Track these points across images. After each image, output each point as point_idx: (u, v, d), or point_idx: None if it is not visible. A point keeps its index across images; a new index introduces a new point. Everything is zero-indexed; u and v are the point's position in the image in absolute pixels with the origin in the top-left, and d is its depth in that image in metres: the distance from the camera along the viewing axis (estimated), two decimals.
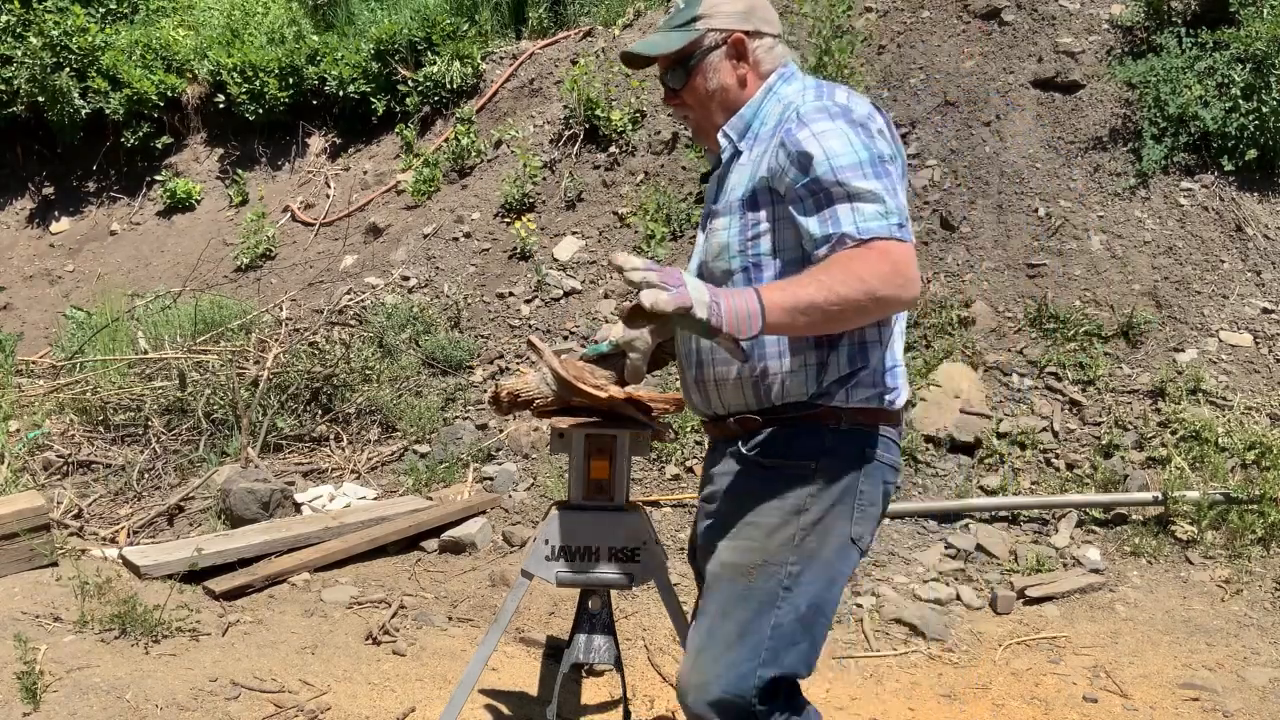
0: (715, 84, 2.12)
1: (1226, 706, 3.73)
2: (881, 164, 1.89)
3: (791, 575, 1.99)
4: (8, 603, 3.79)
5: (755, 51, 2.13)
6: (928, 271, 6.12)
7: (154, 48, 9.06)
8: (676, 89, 2.17)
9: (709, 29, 2.11)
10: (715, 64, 2.11)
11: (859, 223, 1.83)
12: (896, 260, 1.80)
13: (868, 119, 1.97)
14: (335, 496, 5.14)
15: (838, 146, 1.88)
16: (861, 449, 2.03)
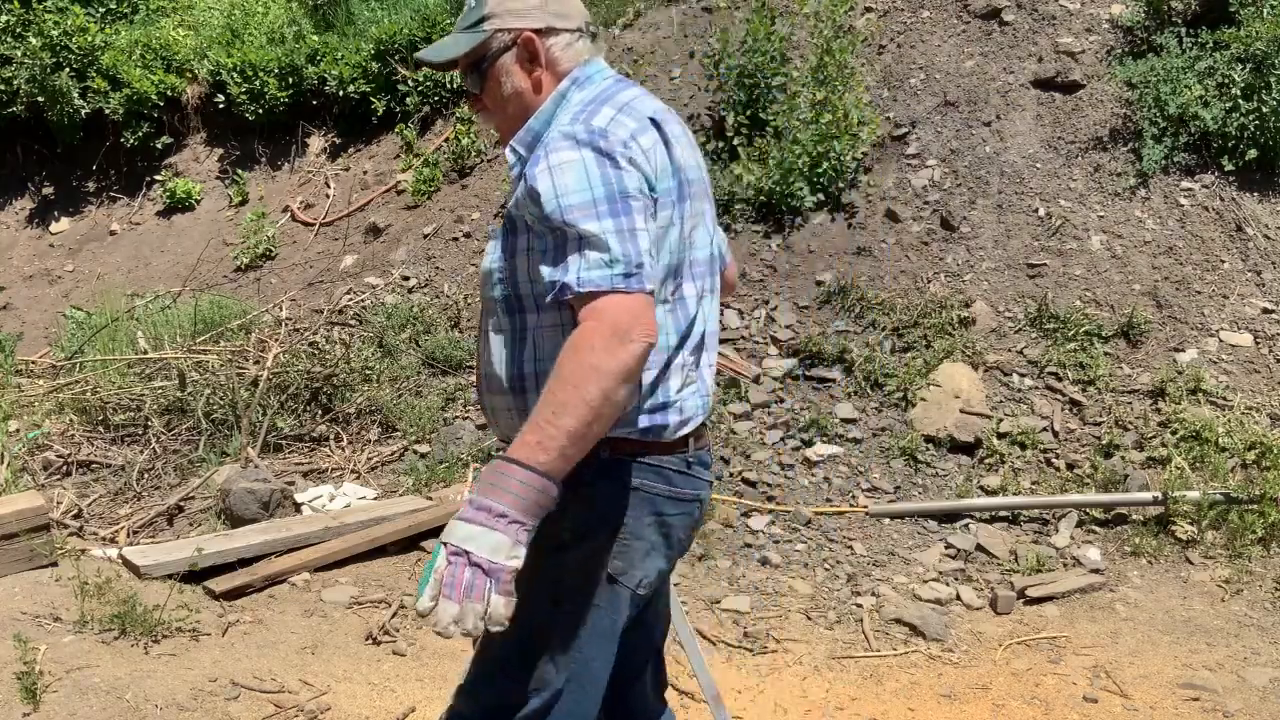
0: (510, 88, 1.94)
1: (1226, 706, 3.73)
2: (621, 200, 1.72)
3: (544, 613, 1.84)
4: (8, 603, 3.79)
5: (550, 50, 1.94)
6: (928, 271, 6.12)
7: (154, 48, 9.06)
8: (477, 93, 2.00)
9: (496, 29, 1.93)
10: (508, 67, 1.94)
11: (580, 272, 1.68)
12: (615, 319, 1.65)
13: (624, 144, 1.78)
14: (335, 496, 5.13)
15: (570, 182, 1.73)
16: (624, 480, 1.86)
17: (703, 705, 3.35)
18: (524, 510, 1.62)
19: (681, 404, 1.92)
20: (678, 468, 1.93)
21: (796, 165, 6.35)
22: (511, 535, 1.61)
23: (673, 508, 1.93)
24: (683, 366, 1.92)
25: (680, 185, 1.88)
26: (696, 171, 1.97)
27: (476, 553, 1.60)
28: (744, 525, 4.97)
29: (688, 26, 7.88)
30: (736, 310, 6.04)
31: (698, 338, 1.95)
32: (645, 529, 1.90)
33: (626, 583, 1.89)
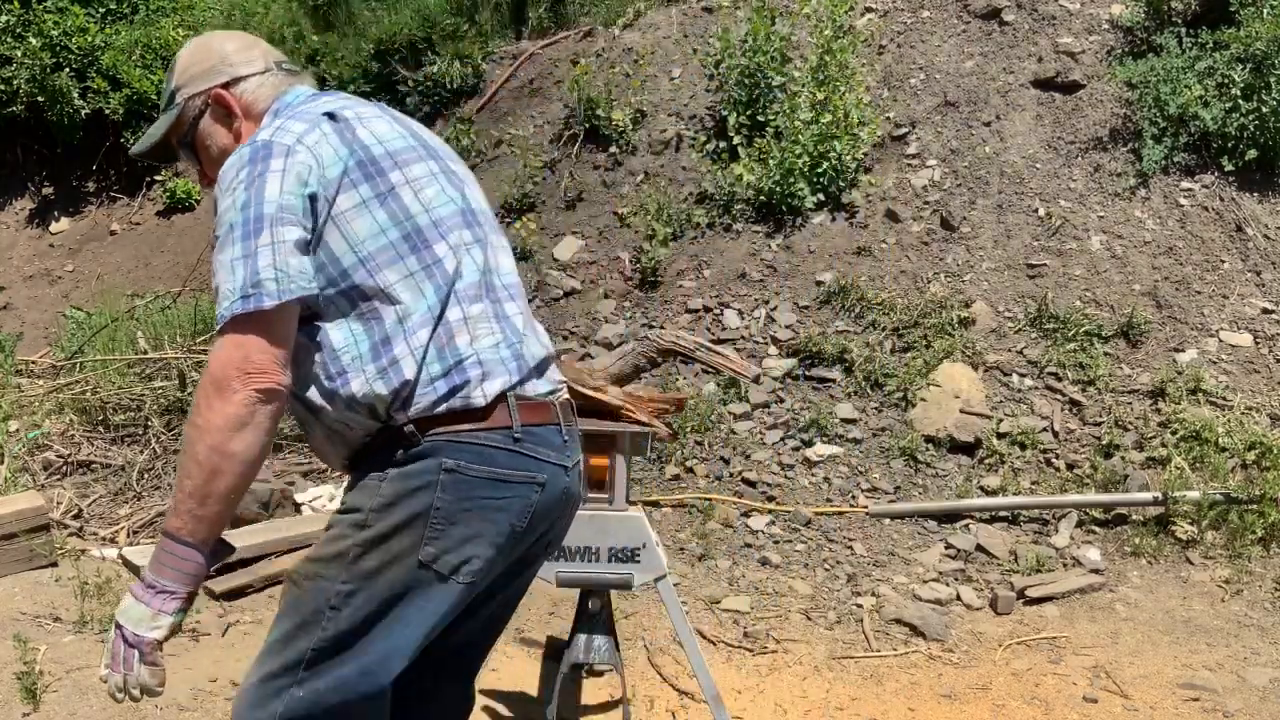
0: (216, 149, 1.96)
1: (1226, 706, 3.73)
2: (255, 223, 1.72)
3: (339, 595, 1.78)
4: (8, 603, 3.79)
5: (242, 99, 1.96)
6: (928, 271, 6.12)
7: (154, 48, 9.06)
8: (198, 167, 2.04)
9: (188, 98, 1.97)
10: (209, 129, 1.97)
11: (219, 310, 1.72)
12: (215, 370, 1.68)
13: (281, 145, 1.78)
14: (335, 496, 5.13)
15: (220, 208, 1.77)
16: (437, 461, 1.77)
17: (703, 705, 3.35)
18: (173, 579, 1.69)
19: (479, 358, 1.82)
20: (500, 444, 1.81)
21: (797, 165, 6.35)
22: (155, 606, 1.69)
23: (498, 490, 1.81)
24: (464, 321, 1.84)
25: (369, 160, 1.84)
26: (406, 139, 1.91)
27: (125, 626, 1.70)
28: (744, 525, 4.97)
29: (688, 26, 7.88)
30: (736, 310, 6.04)
31: (472, 289, 1.87)
32: (461, 514, 1.78)
33: (440, 569, 1.78)
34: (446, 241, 1.87)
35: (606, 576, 2.77)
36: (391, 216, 1.83)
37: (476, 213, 1.97)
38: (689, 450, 5.37)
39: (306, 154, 1.78)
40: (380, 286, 1.79)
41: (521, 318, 1.96)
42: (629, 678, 3.61)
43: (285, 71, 2.02)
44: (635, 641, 4.05)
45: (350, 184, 1.81)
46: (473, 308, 1.86)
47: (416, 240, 1.84)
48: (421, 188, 1.89)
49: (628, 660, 3.82)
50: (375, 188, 1.83)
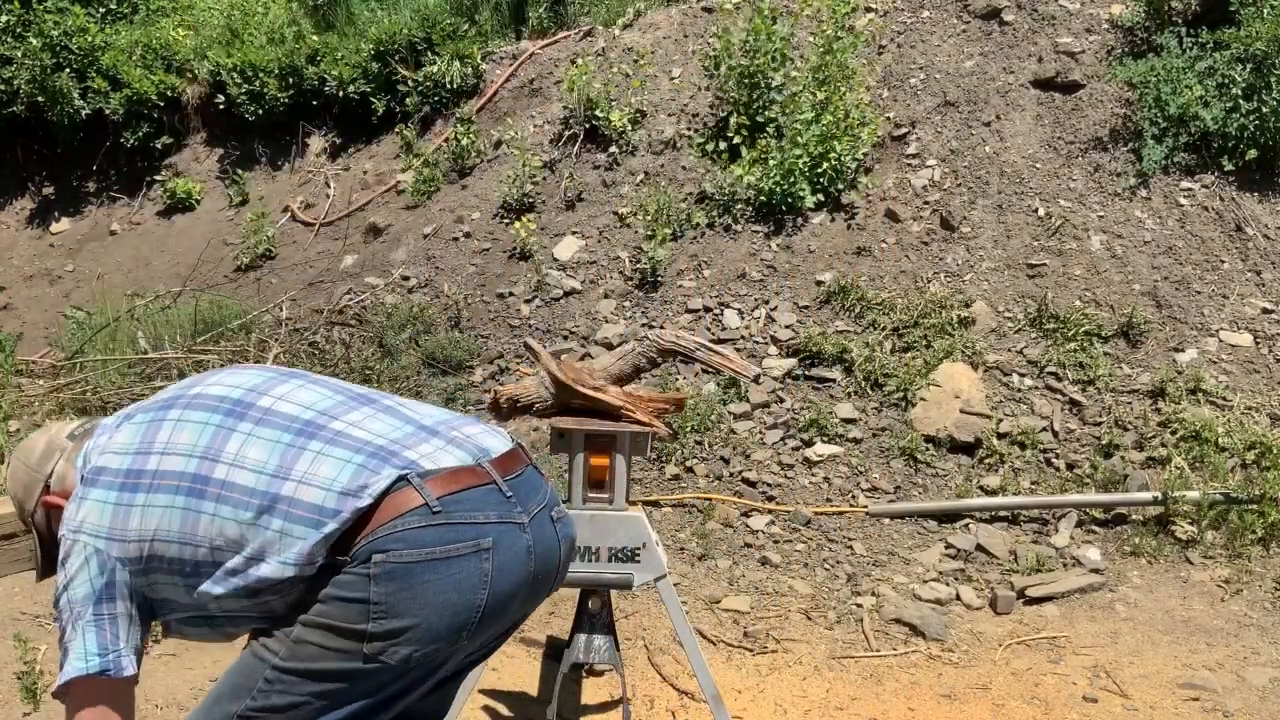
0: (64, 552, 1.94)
1: (1226, 706, 3.73)
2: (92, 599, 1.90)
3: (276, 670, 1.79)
4: (8, 603, 3.79)
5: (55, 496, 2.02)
6: (928, 271, 6.12)
7: (154, 48, 9.05)
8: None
9: (31, 513, 2.08)
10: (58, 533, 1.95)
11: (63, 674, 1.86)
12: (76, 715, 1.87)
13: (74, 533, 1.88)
14: None
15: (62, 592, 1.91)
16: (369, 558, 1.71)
17: (703, 705, 3.35)
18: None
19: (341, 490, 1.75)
20: (422, 523, 1.72)
21: (797, 165, 6.35)
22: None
23: (436, 571, 1.72)
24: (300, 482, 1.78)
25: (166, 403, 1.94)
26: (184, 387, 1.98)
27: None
28: (744, 525, 4.97)
29: (688, 26, 7.88)
30: (736, 310, 6.05)
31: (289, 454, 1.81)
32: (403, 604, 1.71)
33: (388, 659, 1.73)
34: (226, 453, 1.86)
35: (606, 576, 2.77)
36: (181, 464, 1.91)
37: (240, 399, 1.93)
38: (689, 450, 5.37)
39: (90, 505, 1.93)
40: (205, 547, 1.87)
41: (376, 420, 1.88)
42: (629, 678, 3.62)
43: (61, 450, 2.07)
44: (635, 641, 4.05)
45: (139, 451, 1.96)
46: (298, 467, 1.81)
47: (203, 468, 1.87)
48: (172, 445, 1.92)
49: (628, 660, 3.82)
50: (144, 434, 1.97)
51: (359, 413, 1.90)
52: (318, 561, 1.74)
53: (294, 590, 1.77)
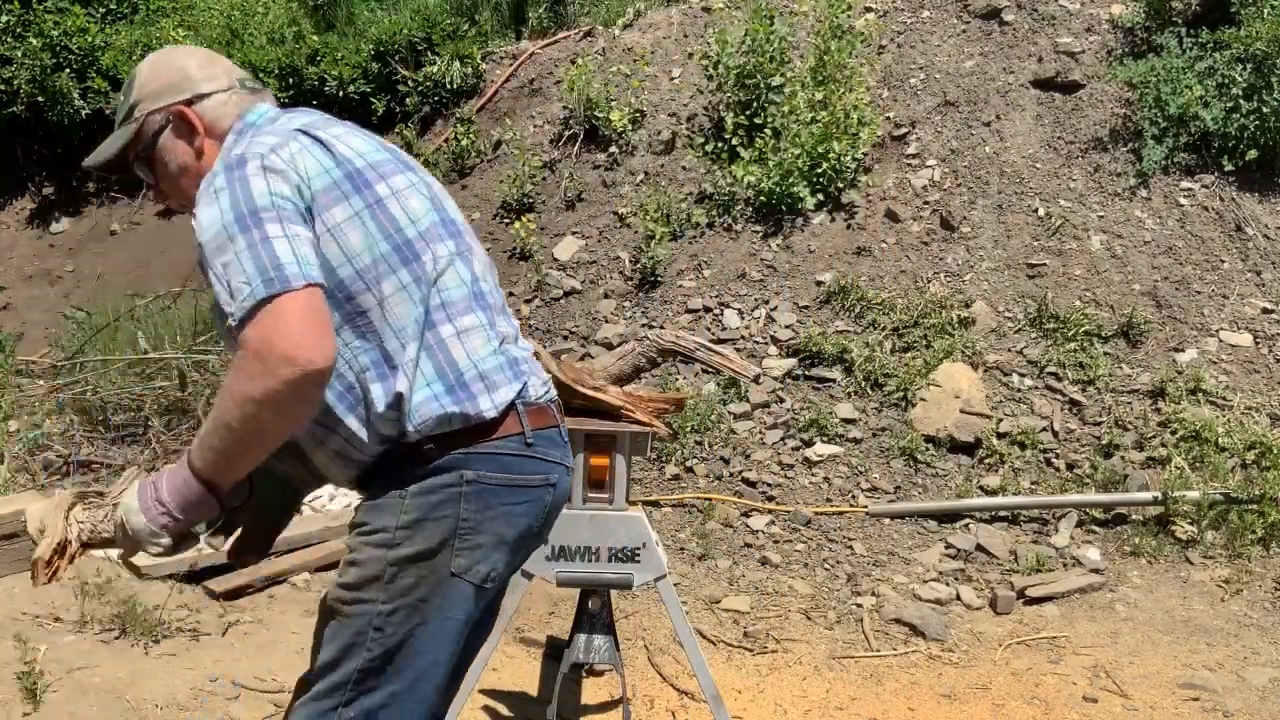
0: (175, 166, 1.94)
1: (1226, 706, 3.73)
2: (248, 217, 1.69)
3: (381, 615, 1.82)
4: (8, 603, 3.79)
5: (204, 116, 1.93)
6: (928, 271, 6.12)
7: (154, 48, 9.04)
8: (152, 183, 2.01)
9: (147, 114, 1.94)
10: (169, 146, 1.94)
11: (234, 305, 1.65)
12: (259, 346, 1.61)
13: (261, 159, 1.76)
14: (335, 496, 5.13)
15: (205, 219, 1.72)
16: (458, 474, 1.81)
17: (703, 705, 3.35)
18: (178, 504, 1.72)
19: (479, 370, 1.84)
20: (516, 451, 1.85)
21: (796, 165, 6.35)
22: (158, 524, 1.73)
23: (516, 496, 1.86)
24: (458, 336, 1.85)
25: (355, 173, 1.83)
26: (381, 152, 1.91)
27: (127, 524, 1.76)
28: (744, 525, 4.97)
29: (688, 26, 7.88)
30: (736, 310, 6.04)
31: (463, 302, 1.87)
32: (486, 522, 1.83)
33: (471, 579, 1.84)
34: (433, 253, 1.86)
35: (606, 576, 2.77)
36: (381, 228, 1.82)
37: (456, 223, 1.96)
38: (689, 450, 5.37)
39: (286, 166, 1.76)
40: (376, 300, 1.78)
41: (507, 324, 1.96)
42: (629, 678, 3.62)
43: (248, 89, 1.99)
44: (635, 641, 4.05)
45: (341, 196, 1.80)
46: (464, 320, 1.86)
47: (406, 252, 1.83)
48: (406, 199, 1.87)
49: (628, 660, 3.82)
50: (365, 199, 1.82)
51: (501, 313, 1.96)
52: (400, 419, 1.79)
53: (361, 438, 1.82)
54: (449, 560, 1.82)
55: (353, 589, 1.86)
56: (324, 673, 1.85)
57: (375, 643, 1.82)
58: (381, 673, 1.83)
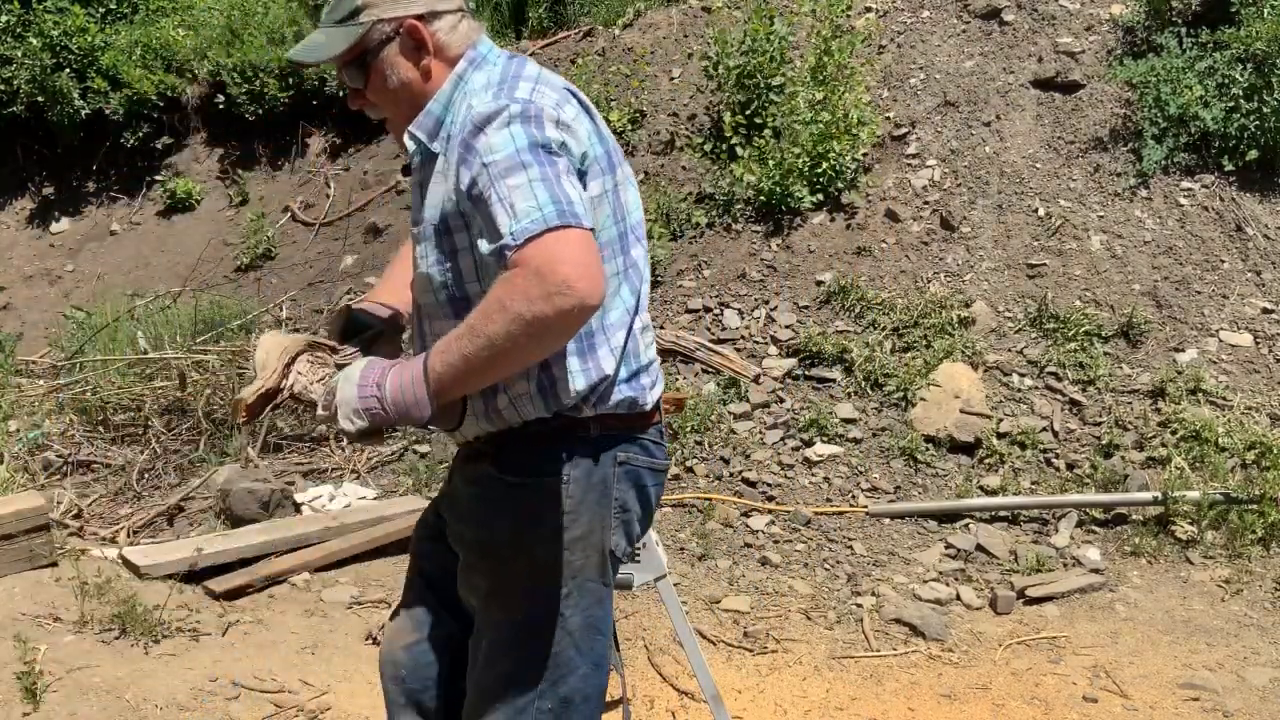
0: (396, 81, 1.83)
1: (1226, 706, 3.73)
2: (542, 151, 1.66)
3: (564, 599, 1.85)
4: (8, 603, 3.79)
5: (435, 36, 1.82)
6: (928, 271, 6.12)
7: (154, 48, 9.05)
8: (358, 88, 1.89)
9: (375, 20, 1.80)
10: (392, 59, 1.82)
11: (513, 225, 1.59)
12: (541, 257, 1.56)
13: (553, 110, 1.74)
14: (335, 496, 5.14)
15: (497, 140, 1.66)
16: (614, 457, 1.87)
17: (703, 705, 3.35)
18: (393, 395, 1.68)
19: (652, 365, 1.96)
20: (655, 439, 1.98)
21: (796, 165, 6.35)
22: (363, 405, 1.68)
23: (653, 479, 1.97)
24: (644, 329, 1.95)
25: (608, 152, 1.85)
26: (612, 139, 1.93)
27: (339, 389, 1.71)
28: (744, 525, 4.97)
29: (688, 26, 7.88)
30: (736, 310, 6.04)
31: (645, 299, 1.96)
32: (631, 501, 1.93)
33: (621, 556, 1.95)
34: (640, 247, 1.94)
35: None
36: (615, 213, 1.86)
37: (643, 223, 2.03)
38: (689, 450, 5.37)
39: (573, 124, 1.76)
40: None
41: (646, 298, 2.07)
42: (629, 678, 3.62)
43: (469, 15, 1.91)
44: (635, 641, 4.05)
45: (600, 171, 1.82)
46: (645, 316, 1.96)
47: (622, 242, 1.88)
48: (627, 190, 1.93)
49: (628, 660, 3.82)
50: (612, 180, 1.85)
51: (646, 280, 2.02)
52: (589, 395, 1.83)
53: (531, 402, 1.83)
54: (607, 539, 1.89)
55: (529, 579, 1.86)
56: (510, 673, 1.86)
57: (561, 629, 1.85)
58: (568, 657, 1.85)
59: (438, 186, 1.80)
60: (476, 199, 1.67)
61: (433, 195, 1.81)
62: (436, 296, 1.84)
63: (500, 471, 1.87)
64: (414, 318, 1.98)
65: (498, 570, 1.88)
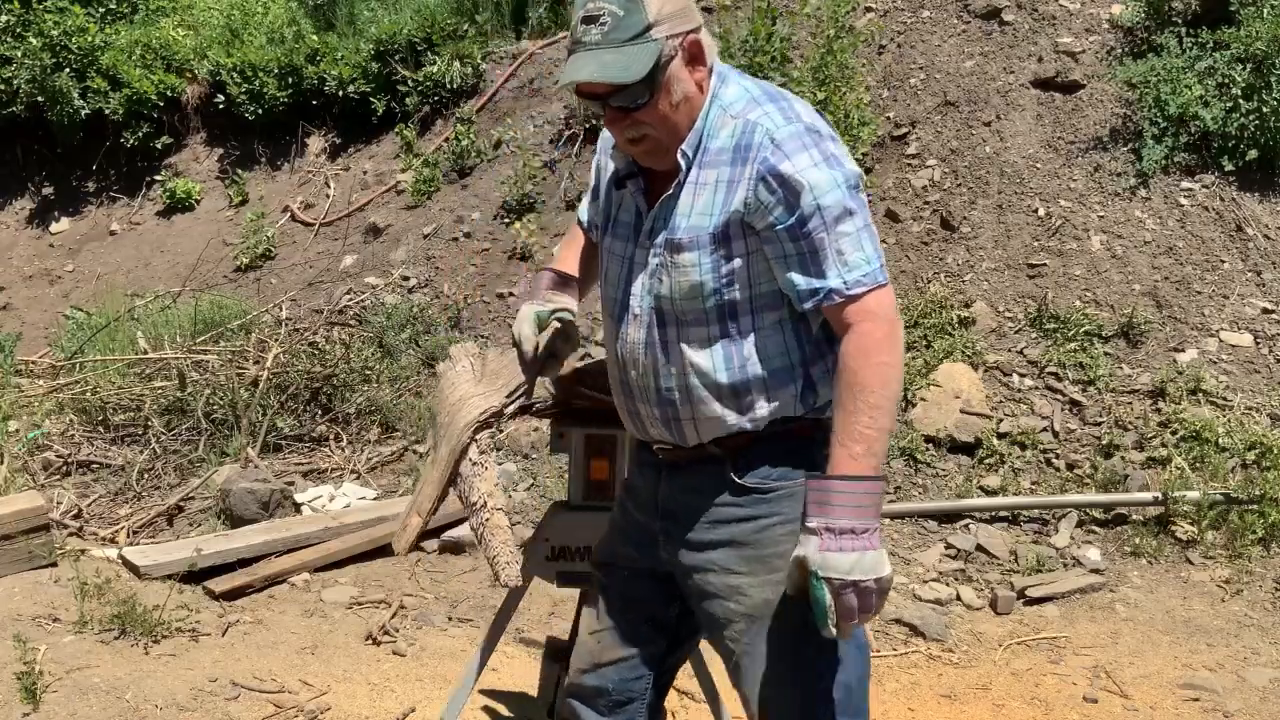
0: (680, 95, 1.85)
1: (1226, 707, 3.73)
2: (857, 192, 1.81)
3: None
4: (7, 603, 3.79)
5: (704, 50, 1.88)
6: (928, 271, 6.12)
7: (154, 48, 9.05)
8: (633, 108, 1.85)
9: (668, 36, 1.81)
10: (678, 74, 1.84)
11: (845, 275, 1.76)
12: (886, 309, 1.77)
13: (831, 135, 1.84)
14: (335, 496, 5.14)
15: (821, 182, 1.77)
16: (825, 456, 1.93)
17: (703, 705, 3.35)
18: (874, 515, 1.74)
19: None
20: None
21: None
22: (878, 547, 1.73)
23: None
24: None
25: None
26: None
27: (864, 579, 1.70)
28: None
29: None
30: None
31: None
32: None
33: None
34: None
35: None
36: None
37: None
38: None
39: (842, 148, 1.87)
40: None
41: None
42: None
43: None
44: None
45: None
46: None
47: None
48: None
49: None
50: None
51: None
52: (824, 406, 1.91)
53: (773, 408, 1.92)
54: None
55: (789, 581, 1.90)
56: (796, 669, 1.90)
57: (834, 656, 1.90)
58: (843, 647, 1.90)
59: (708, 197, 1.86)
60: (796, 233, 1.79)
61: (700, 205, 1.87)
62: (703, 303, 1.88)
63: (747, 478, 1.94)
64: (624, 324, 2.00)
65: (764, 576, 1.92)
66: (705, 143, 1.88)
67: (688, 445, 1.99)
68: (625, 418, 2.10)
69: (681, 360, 1.92)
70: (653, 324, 1.94)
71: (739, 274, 1.86)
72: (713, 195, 1.85)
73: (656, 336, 1.94)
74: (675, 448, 2.02)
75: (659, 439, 2.04)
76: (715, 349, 1.89)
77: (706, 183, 1.86)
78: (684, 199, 1.89)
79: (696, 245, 1.86)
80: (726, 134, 1.85)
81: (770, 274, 1.86)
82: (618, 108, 1.85)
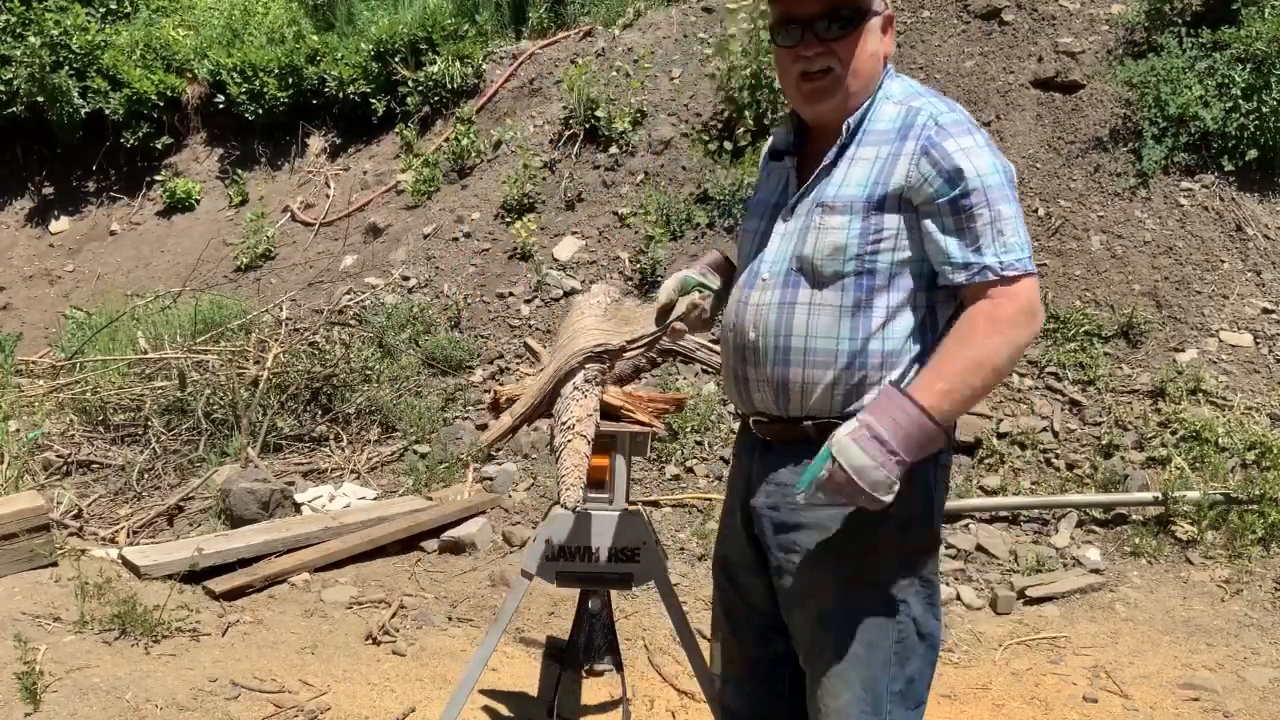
0: (871, 49, 1.95)
1: (1226, 706, 3.73)
2: (1014, 187, 1.89)
3: (906, 585, 1.95)
4: (8, 603, 3.79)
5: (893, 35, 2.02)
6: None
7: (154, 47, 9.06)
8: (835, 36, 1.93)
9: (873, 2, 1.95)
10: (875, 30, 1.95)
11: (1001, 255, 1.82)
12: (1031, 297, 1.83)
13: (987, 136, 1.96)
14: (335, 496, 5.14)
15: (984, 165, 1.85)
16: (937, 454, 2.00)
17: (703, 705, 3.35)
18: (910, 450, 1.76)
19: None
20: None
21: None
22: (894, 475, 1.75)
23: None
24: None
25: None
26: None
27: (860, 482, 1.75)
28: None
29: (688, 26, 7.88)
30: None
31: None
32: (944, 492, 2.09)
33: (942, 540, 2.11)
34: None
35: (606, 576, 2.77)
36: None
37: None
38: (689, 450, 5.37)
39: None
40: None
41: None
42: (629, 678, 3.61)
43: None
44: (635, 641, 4.05)
45: None
46: None
47: None
48: None
49: (628, 660, 3.82)
50: None
51: None
52: None
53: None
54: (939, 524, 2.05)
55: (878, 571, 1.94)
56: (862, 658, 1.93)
57: (903, 614, 1.94)
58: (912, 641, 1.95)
59: (864, 169, 1.93)
60: (958, 206, 1.85)
61: (855, 176, 1.94)
62: (842, 265, 1.92)
63: None
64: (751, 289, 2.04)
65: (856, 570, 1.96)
66: (868, 124, 1.96)
67: (788, 416, 2.00)
68: (731, 386, 2.12)
69: (808, 322, 1.95)
70: (785, 285, 1.99)
71: (884, 245, 1.90)
72: (869, 168, 1.92)
73: (788, 297, 1.98)
74: (773, 420, 2.03)
75: (761, 408, 2.04)
76: (844, 317, 1.93)
77: (865, 158, 1.94)
78: (839, 170, 1.96)
79: (849, 210, 1.92)
80: (889, 118, 1.94)
81: (913, 254, 1.90)
82: (821, 30, 1.92)
